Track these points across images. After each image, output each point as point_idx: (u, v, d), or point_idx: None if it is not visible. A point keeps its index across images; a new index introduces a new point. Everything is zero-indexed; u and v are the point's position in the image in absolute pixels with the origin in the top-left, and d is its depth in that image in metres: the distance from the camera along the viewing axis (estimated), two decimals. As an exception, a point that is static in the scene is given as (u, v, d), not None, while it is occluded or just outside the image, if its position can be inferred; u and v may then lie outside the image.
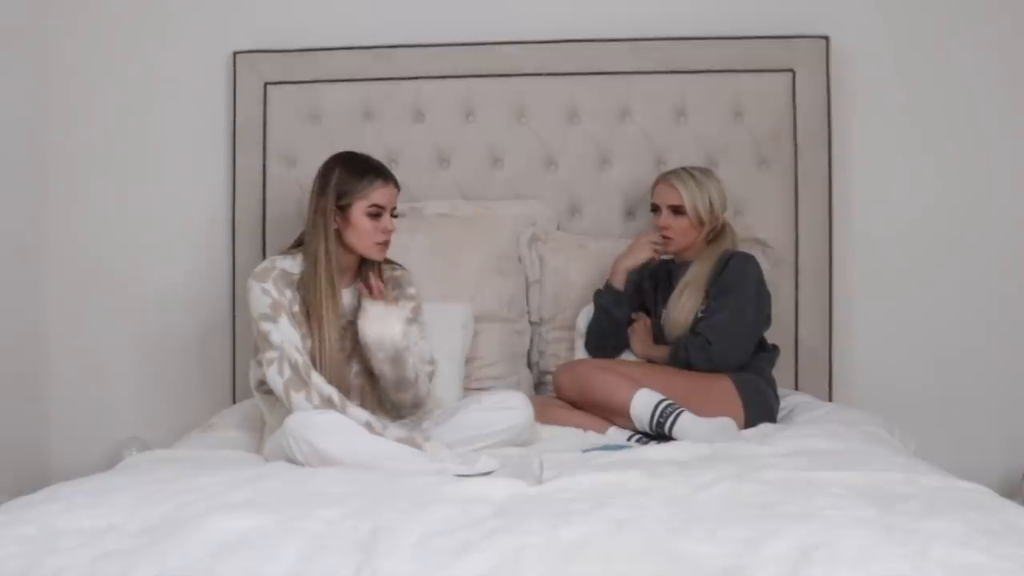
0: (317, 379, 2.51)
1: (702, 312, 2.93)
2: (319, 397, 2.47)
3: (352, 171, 2.66)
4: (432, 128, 3.45)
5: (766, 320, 3.01)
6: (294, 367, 2.50)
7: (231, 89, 3.49)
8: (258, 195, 3.46)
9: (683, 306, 2.95)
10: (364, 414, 2.49)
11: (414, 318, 2.76)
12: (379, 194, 2.65)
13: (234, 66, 3.47)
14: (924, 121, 3.42)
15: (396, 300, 2.73)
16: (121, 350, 3.60)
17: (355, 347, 2.66)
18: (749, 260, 2.98)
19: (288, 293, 2.61)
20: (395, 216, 2.71)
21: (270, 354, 2.54)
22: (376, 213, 2.64)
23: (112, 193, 3.59)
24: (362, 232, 2.64)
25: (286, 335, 2.54)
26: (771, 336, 3.07)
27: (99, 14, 3.58)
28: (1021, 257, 3.40)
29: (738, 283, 2.92)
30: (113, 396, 3.60)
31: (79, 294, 3.60)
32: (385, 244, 2.69)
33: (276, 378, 2.51)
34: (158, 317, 3.58)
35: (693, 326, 2.93)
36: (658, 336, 3.04)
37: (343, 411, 2.45)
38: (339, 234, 2.64)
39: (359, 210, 2.63)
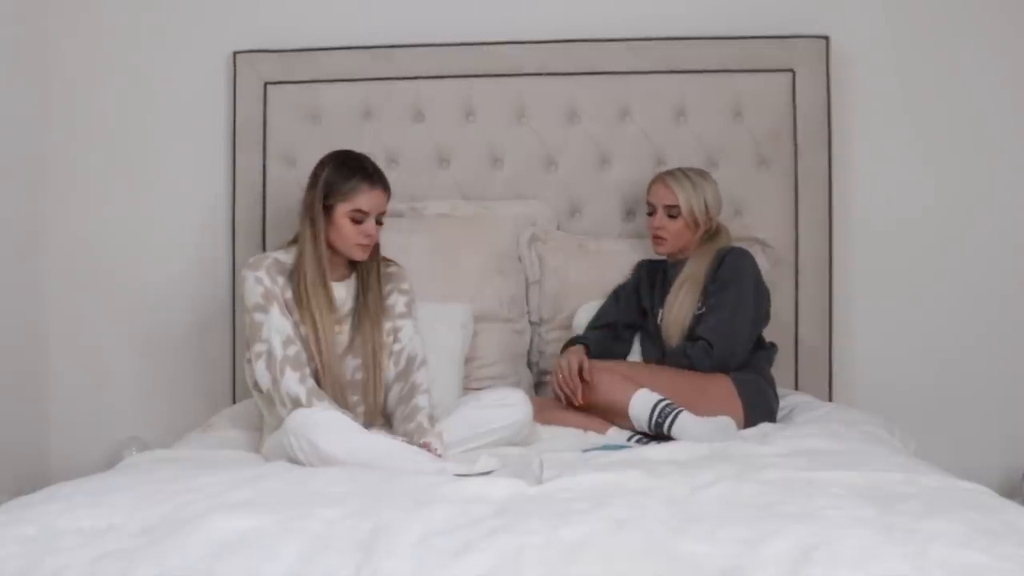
0: (289, 377, 2.52)
1: (700, 309, 2.93)
2: (289, 398, 2.49)
3: (340, 172, 2.67)
4: (432, 128, 3.45)
5: (765, 316, 3.01)
6: (270, 362, 2.53)
7: (231, 89, 3.49)
8: (258, 195, 3.46)
9: (681, 304, 2.95)
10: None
11: (408, 312, 2.77)
12: (363, 199, 2.64)
13: (234, 66, 3.47)
14: (924, 121, 3.42)
15: (390, 295, 2.76)
16: (121, 350, 3.60)
17: (352, 342, 2.67)
18: (745, 255, 2.98)
19: (280, 280, 2.63)
20: (380, 223, 2.70)
21: (258, 347, 2.57)
22: (358, 219, 2.64)
23: (112, 193, 3.59)
24: (343, 234, 2.65)
25: (276, 326, 2.56)
26: (770, 335, 3.06)
27: (99, 14, 3.58)
28: (1021, 257, 3.40)
29: (735, 279, 2.92)
30: (113, 396, 3.60)
31: (79, 294, 3.60)
32: (366, 247, 2.68)
33: (264, 374, 2.54)
34: (158, 317, 3.58)
35: (692, 324, 2.93)
36: (656, 337, 3.03)
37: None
38: (325, 231, 2.66)
39: (341, 212, 2.64)
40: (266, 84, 3.46)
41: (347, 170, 2.67)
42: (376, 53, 3.43)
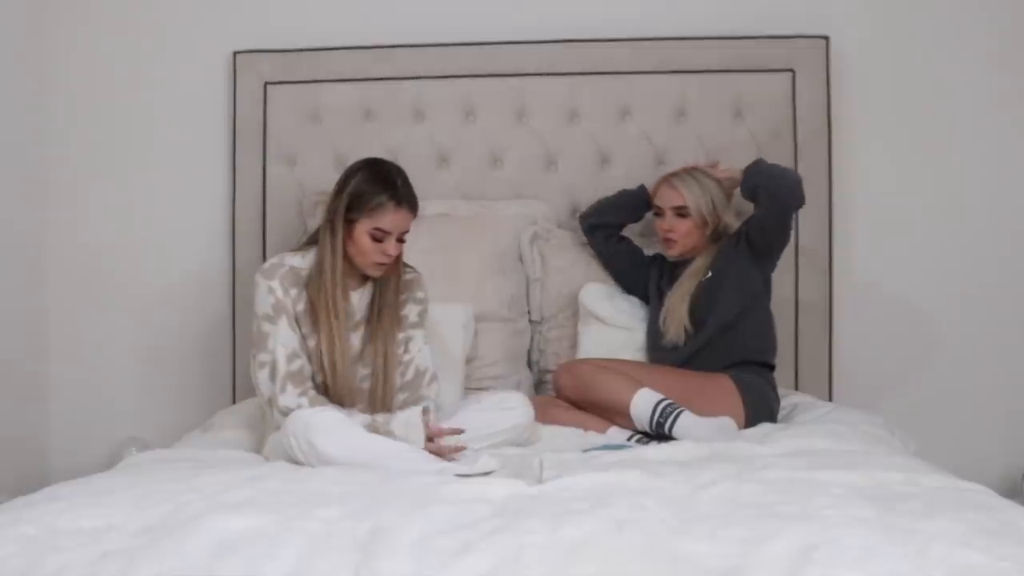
0: (289, 392, 2.52)
1: (707, 276, 2.95)
2: (289, 412, 2.46)
3: (368, 185, 2.56)
4: (432, 128, 3.45)
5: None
6: (273, 375, 2.53)
7: (231, 89, 3.49)
8: (258, 195, 3.46)
9: (680, 295, 2.97)
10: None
11: (419, 322, 2.76)
12: (387, 219, 2.54)
13: (234, 66, 3.47)
14: (923, 121, 3.42)
15: (405, 303, 2.73)
16: (121, 350, 3.60)
17: (363, 349, 2.66)
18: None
19: (294, 292, 2.60)
20: (402, 240, 2.61)
21: (263, 357, 2.56)
22: (378, 237, 2.55)
23: (112, 193, 3.59)
24: (361, 249, 2.57)
25: (282, 339, 2.55)
26: (771, 335, 3.07)
27: (99, 14, 3.58)
28: (1021, 256, 3.41)
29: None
30: (113, 396, 3.60)
31: (79, 294, 3.60)
32: (382, 266, 2.61)
33: (267, 383, 2.54)
34: (158, 317, 3.58)
35: (691, 309, 2.93)
36: (655, 337, 3.03)
37: None
38: (343, 241, 2.59)
39: (362, 228, 2.55)
40: (266, 84, 3.46)
41: (376, 184, 2.56)
42: (376, 53, 3.43)
